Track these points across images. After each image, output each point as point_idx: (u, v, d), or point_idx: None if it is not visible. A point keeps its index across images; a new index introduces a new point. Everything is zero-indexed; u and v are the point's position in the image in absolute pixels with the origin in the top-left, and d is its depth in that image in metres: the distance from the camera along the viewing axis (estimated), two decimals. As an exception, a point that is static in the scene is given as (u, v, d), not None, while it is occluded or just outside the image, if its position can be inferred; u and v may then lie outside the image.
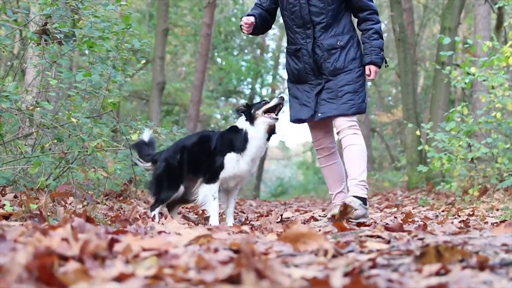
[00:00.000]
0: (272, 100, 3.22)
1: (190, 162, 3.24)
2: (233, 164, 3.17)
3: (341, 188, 3.49)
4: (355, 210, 3.16)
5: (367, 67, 3.36)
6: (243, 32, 3.45)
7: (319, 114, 3.36)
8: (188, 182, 3.27)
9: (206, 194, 3.16)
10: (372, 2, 3.41)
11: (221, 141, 3.22)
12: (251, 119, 3.21)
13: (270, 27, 3.70)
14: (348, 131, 3.32)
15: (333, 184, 3.51)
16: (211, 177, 3.17)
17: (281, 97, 3.24)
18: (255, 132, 3.20)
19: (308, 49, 3.35)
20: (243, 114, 3.26)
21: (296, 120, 3.49)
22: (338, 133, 3.40)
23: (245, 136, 3.19)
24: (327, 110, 3.33)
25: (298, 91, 3.48)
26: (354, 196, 3.25)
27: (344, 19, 3.38)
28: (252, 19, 3.40)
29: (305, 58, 3.38)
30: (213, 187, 3.17)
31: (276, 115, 3.21)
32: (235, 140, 3.20)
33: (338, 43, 3.33)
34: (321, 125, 3.48)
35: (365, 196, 3.28)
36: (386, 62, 3.38)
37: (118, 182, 4.52)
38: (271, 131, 3.26)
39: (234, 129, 3.27)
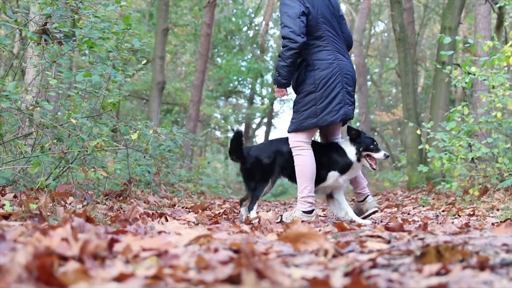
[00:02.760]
0: (380, 152, 3.66)
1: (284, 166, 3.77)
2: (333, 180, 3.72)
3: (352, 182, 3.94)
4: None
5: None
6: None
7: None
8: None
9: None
10: (285, 27, 3.52)
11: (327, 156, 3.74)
12: (359, 154, 3.67)
13: None
14: (293, 151, 3.68)
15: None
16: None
17: (386, 154, 3.69)
18: (357, 166, 3.70)
19: None
20: (353, 142, 3.69)
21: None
22: None
23: (349, 166, 3.69)
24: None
25: None
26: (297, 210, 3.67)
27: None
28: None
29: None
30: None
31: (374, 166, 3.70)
32: (341, 164, 3.70)
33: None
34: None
35: (308, 209, 3.65)
36: (278, 82, 3.67)
37: (118, 182, 4.52)
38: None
39: (341, 151, 3.72)
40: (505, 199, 4.46)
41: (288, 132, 3.70)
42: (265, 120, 21.88)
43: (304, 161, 3.62)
